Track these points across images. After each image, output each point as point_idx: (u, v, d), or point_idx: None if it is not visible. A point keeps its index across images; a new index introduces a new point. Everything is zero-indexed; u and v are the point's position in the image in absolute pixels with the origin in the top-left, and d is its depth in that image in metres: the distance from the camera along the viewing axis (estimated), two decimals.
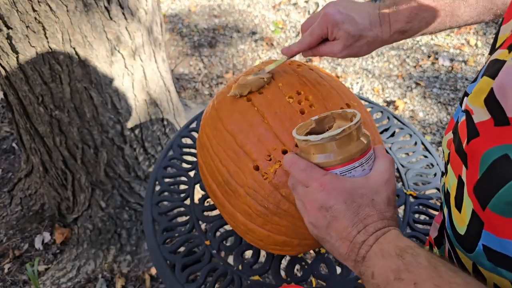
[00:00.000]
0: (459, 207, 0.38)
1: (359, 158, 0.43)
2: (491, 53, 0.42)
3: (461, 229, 0.38)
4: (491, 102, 0.33)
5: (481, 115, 0.35)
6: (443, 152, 0.47)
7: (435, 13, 0.56)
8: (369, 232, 0.40)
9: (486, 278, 0.37)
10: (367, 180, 0.43)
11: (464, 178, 0.37)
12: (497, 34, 0.41)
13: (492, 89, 0.33)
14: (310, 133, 0.48)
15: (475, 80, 0.42)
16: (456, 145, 0.39)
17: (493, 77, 0.34)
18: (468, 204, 0.36)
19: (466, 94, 0.44)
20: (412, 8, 0.55)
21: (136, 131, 1.27)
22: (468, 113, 0.37)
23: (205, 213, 0.79)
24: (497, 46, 0.40)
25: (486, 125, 0.34)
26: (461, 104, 0.44)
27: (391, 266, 0.36)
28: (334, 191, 0.41)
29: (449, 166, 0.41)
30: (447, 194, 0.42)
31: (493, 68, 0.35)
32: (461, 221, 0.38)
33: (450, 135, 0.44)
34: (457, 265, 0.40)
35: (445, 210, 0.43)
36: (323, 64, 2.22)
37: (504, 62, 0.34)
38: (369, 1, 0.60)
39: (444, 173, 0.46)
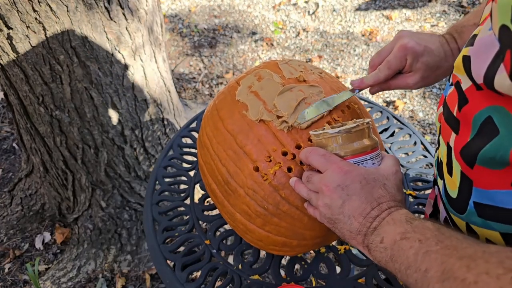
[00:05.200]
0: (450, 171, 0.42)
1: (370, 152, 0.49)
2: None
3: (454, 193, 0.42)
4: (467, 69, 0.38)
5: (466, 81, 0.39)
6: (436, 127, 0.52)
7: None
8: (383, 209, 0.44)
9: (479, 235, 0.41)
10: (377, 169, 0.48)
11: (452, 143, 0.41)
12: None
13: (463, 56, 0.39)
14: None
15: None
16: (445, 115, 0.43)
17: (468, 44, 0.39)
18: (457, 167, 0.40)
19: None
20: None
21: (137, 131, 1.27)
22: (457, 83, 0.41)
23: (205, 213, 0.79)
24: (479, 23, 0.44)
25: (471, 91, 0.38)
26: (448, 80, 0.48)
27: (400, 229, 0.40)
28: (350, 173, 0.46)
29: (440, 138, 0.45)
30: (440, 164, 0.46)
31: (469, 42, 0.40)
32: (453, 185, 0.42)
33: (441, 110, 0.48)
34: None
35: (440, 182, 0.47)
36: (323, 64, 2.23)
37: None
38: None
39: (437, 148, 0.50)
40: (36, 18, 0.93)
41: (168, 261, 0.71)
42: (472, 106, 0.38)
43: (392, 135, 0.95)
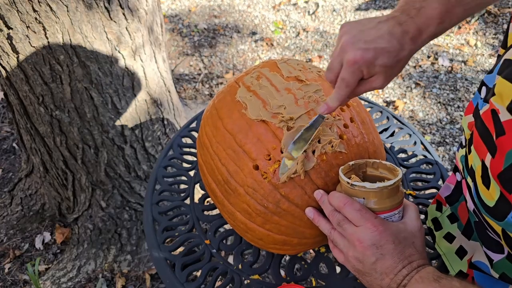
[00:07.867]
0: (486, 185, 0.42)
1: (398, 207, 0.51)
2: (503, 47, 0.44)
3: (490, 202, 0.42)
4: (510, 109, 0.37)
5: (505, 114, 0.38)
6: (463, 130, 0.52)
7: (467, 5, 0.49)
8: (413, 267, 0.47)
9: None
10: (405, 226, 0.50)
11: (487, 163, 0.40)
12: (507, 30, 0.43)
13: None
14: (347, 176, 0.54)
15: (491, 71, 0.45)
16: (481, 132, 0.42)
17: (510, 79, 0.38)
18: (496, 186, 0.40)
19: (483, 84, 0.47)
20: (442, 7, 0.49)
21: (137, 131, 1.27)
22: (494, 111, 0.40)
23: (205, 213, 0.79)
24: (509, 44, 0.42)
25: (510, 124, 0.38)
26: (479, 91, 0.47)
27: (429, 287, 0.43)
28: (385, 233, 0.48)
29: (472, 147, 0.45)
30: (471, 169, 0.46)
31: (509, 69, 0.38)
32: (490, 196, 0.41)
33: (470, 118, 0.48)
34: (485, 225, 0.46)
35: (470, 181, 0.47)
36: (323, 64, 2.23)
37: None
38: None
39: (463, 146, 0.51)
40: (36, 18, 0.94)
41: (168, 261, 0.71)
42: (509, 140, 0.37)
43: (392, 135, 0.95)
